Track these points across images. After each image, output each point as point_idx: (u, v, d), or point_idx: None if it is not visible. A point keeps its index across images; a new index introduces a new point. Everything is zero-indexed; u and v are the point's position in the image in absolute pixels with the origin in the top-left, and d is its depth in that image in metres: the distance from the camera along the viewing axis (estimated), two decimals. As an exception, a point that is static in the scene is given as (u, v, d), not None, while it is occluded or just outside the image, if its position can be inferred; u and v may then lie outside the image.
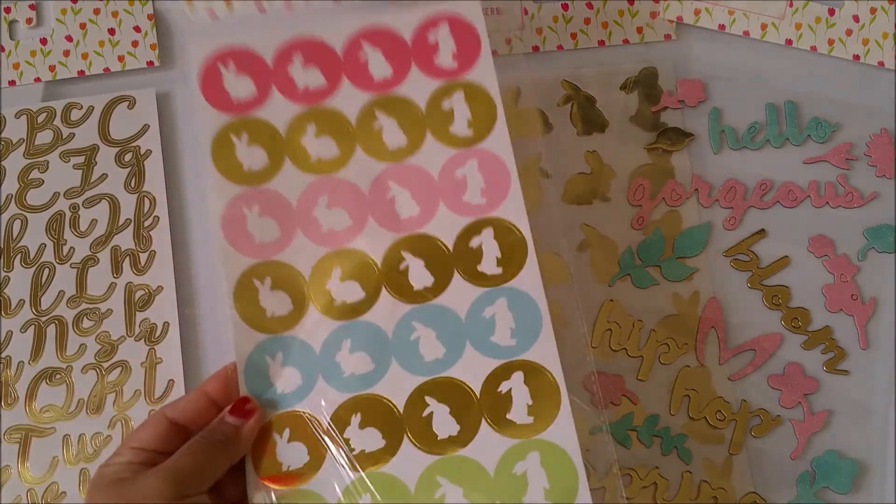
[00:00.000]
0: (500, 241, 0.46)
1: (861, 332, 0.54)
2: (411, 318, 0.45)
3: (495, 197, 0.47)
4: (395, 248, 0.46)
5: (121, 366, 0.53)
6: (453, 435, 0.44)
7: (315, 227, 0.47)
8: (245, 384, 0.44)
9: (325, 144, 0.48)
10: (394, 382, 0.45)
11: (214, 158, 0.47)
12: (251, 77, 0.48)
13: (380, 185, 0.47)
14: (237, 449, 0.42)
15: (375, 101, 0.48)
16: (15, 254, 0.55)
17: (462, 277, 0.46)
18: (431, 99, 0.48)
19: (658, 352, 0.54)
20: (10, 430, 0.52)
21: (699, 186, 0.56)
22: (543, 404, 0.44)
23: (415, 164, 0.47)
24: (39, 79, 0.57)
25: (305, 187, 0.47)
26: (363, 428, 0.44)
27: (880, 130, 0.56)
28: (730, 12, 0.58)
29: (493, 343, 0.45)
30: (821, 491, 0.52)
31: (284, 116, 0.48)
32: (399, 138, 0.48)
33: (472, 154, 0.47)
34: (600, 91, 0.57)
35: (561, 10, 0.58)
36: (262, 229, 0.46)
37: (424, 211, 0.47)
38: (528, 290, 0.45)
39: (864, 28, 0.57)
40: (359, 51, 0.48)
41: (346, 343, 0.45)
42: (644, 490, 0.52)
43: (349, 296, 0.46)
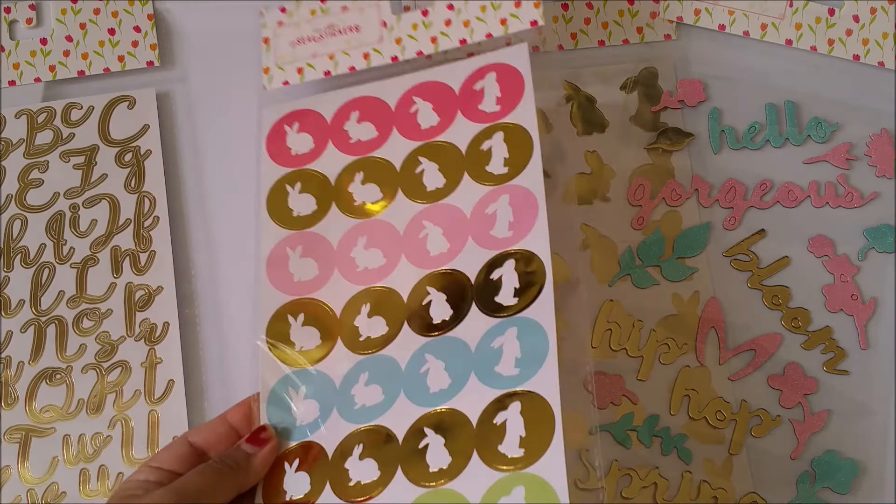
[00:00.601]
0: (519, 271, 0.46)
1: (861, 332, 0.54)
2: (425, 351, 0.46)
3: (522, 229, 0.46)
4: (421, 284, 0.47)
5: (121, 366, 0.53)
6: (444, 467, 0.42)
7: (351, 267, 0.49)
8: (266, 414, 0.46)
9: (370, 190, 0.50)
10: (398, 414, 0.45)
11: (269, 206, 0.51)
12: (311, 134, 0.52)
13: (415, 224, 0.49)
14: (247, 476, 0.43)
15: (420, 149, 0.50)
16: (15, 254, 0.55)
17: (479, 309, 0.46)
18: (473, 141, 0.49)
19: (658, 352, 0.54)
20: (10, 430, 0.52)
21: (699, 186, 0.56)
22: (536, 436, 0.41)
23: (449, 203, 0.49)
24: (39, 79, 0.57)
25: (347, 230, 0.49)
26: (362, 459, 0.44)
27: (880, 130, 0.56)
28: (730, 12, 0.58)
29: (496, 373, 0.43)
30: (821, 491, 0.52)
31: (336, 166, 0.51)
32: (438, 180, 0.49)
33: (505, 190, 0.47)
34: (600, 91, 0.57)
35: (561, 10, 0.58)
36: (302, 269, 0.49)
37: (453, 247, 0.47)
38: (539, 320, 0.44)
39: (864, 28, 0.57)
40: (410, 105, 0.51)
41: (364, 376, 0.46)
42: (644, 490, 0.52)
43: (374, 331, 0.47)
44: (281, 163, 0.52)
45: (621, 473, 0.52)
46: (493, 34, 0.51)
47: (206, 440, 0.45)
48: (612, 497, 0.51)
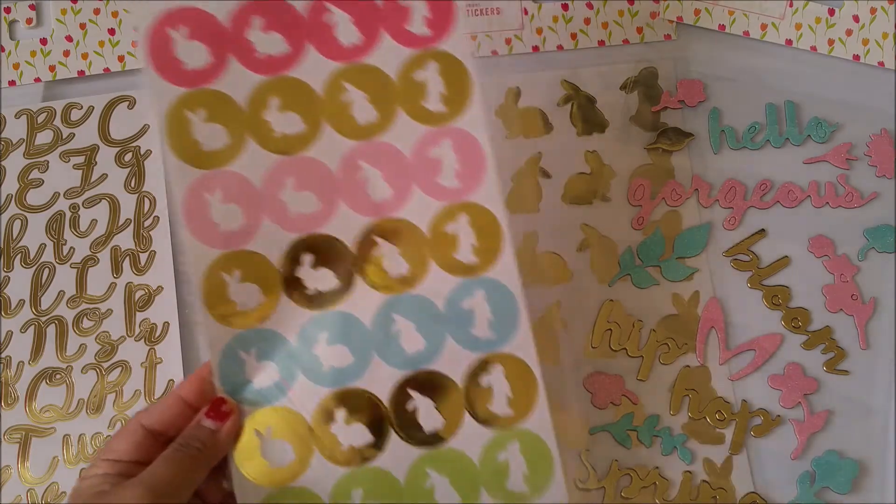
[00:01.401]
0: (475, 228, 0.45)
1: (861, 332, 0.54)
2: (390, 310, 0.44)
3: (470, 180, 0.45)
4: (368, 234, 0.44)
5: (121, 366, 0.53)
6: (439, 428, 0.44)
7: (282, 212, 0.44)
8: (221, 383, 0.43)
9: (290, 119, 0.44)
10: (376, 376, 0.44)
11: (169, 137, 0.43)
12: (205, 43, 0.44)
13: (349, 164, 0.44)
14: (215, 452, 0.41)
15: (343, 71, 0.44)
16: (15, 254, 0.55)
17: (438, 266, 0.45)
18: (404, 70, 0.45)
19: (658, 352, 0.54)
20: (10, 430, 0.52)
21: (699, 186, 0.56)
22: (522, 396, 0.44)
23: (386, 141, 0.45)
24: (39, 79, 0.57)
25: (270, 168, 0.44)
26: (349, 423, 0.43)
27: (880, 130, 0.56)
28: (730, 12, 0.58)
29: (474, 336, 0.44)
30: (821, 491, 0.52)
31: (244, 88, 0.44)
32: (369, 113, 0.44)
33: (446, 133, 0.45)
34: (600, 91, 0.57)
35: (561, 10, 0.58)
36: (225, 217, 0.43)
37: (398, 194, 0.44)
38: (505, 282, 0.45)
39: (864, 28, 0.57)
40: (324, 13, 0.45)
41: (324, 335, 0.44)
42: (644, 490, 0.52)
43: (322, 284, 0.44)
44: (172, 80, 0.43)
45: (621, 473, 0.52)
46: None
47: (162, 421, 0.41)
48: (612, 497, 0.51)
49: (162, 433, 0.42)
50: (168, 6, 0.43)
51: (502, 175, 0.56)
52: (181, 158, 0.43)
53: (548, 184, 0.56)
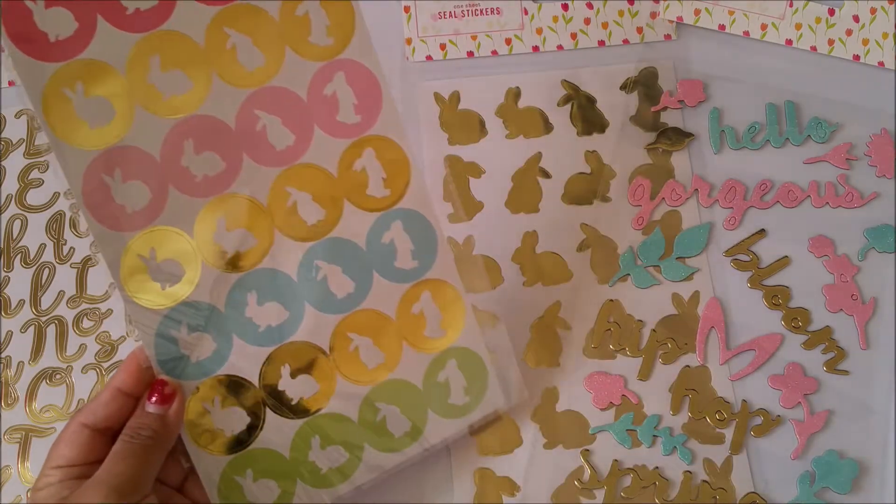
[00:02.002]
0: (382, 160, 0.44)
1: (861, 332, 0.54)
2: (312, 257, 0.44)
3: (370, 113, 0.44)
4: (277, 185, 0.43)
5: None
6: (381, 363, 0.46)
7: (187, 179, 0.41)
8: (159, 365, 0.42)
9: (176, 78, 0.41)
10: (313, 326, 0.44)
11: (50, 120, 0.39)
12: (67, 7, 0.39)
13: (246, 115, 0.42)
14: (168, 436, 0.41)
15: (222, 15, 0.41)
16: (15, 254, 0.55)
17: (353, 205, 0.45)
18: (284, 6, 0.42)
19: (658, 352, 0.54)
20: (10, 430, 0.52)
21: (699, 186, 0.56)
22: (451, 316, 0.47)
23: (279, 85, 0.42)
24: (39, 79, 0.57)
25: (166, 134, 0.41)
26: (295, 377, 0.44)
27: (880, 130, 0.56)
28: (730, 12, 0.58)
29: (398, 268, 0.46)
30: (821, 491, 0.52)
31: (121, 50, 0.40)
32: (257, 58, 0.42)
33: (337, 66, 0.43)
34: (600, 91, 0.57)
35: (561, 10, 0.58)
36: (130, 196, 0.40)
37: (300, 138, 0.43)
38: (418, 209, 0.46)
39: (864, 28, 0.57)
40: None
41: (253, 296, 0.43)
42: (644, 490, 0.51)
43: (241, 245, 0.43)
44: (40, 57, 0.39)
45: (621, 473, 0.52)
46: None
47: (105, 417, 0.40)
48: (612, 497, 0.51)
49: (107, 429, 0.40)
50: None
51: (503, 175, 0.56)
52: (68, 142, 0.39)
53: (548, 184, 0.56)
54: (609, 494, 0.51)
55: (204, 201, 0.42)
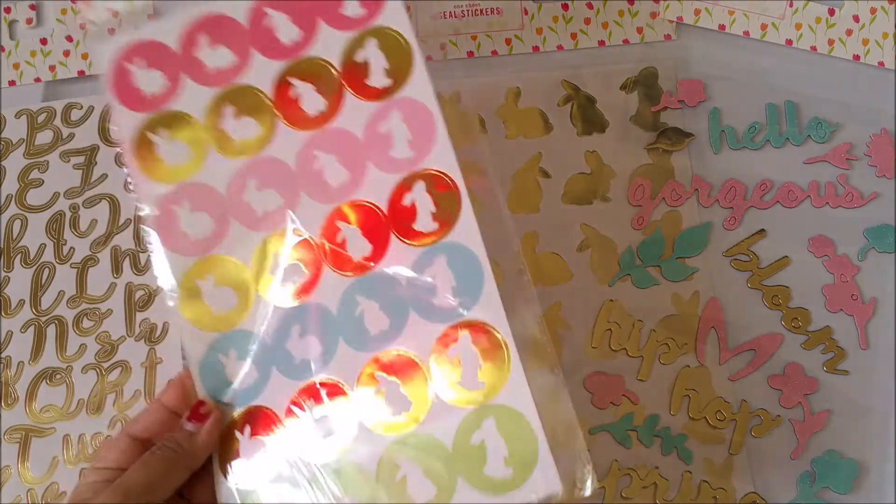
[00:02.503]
0: (432, 194, 0.44)
1: (861, 332, 0.54)
2: (354, 292, 0.44)
3: (423, 147, 0.44)
4: (330, 220, 0.44)
5: (121, 366, 0.53)
6: (407, 411, 0.42)
7: (249, 213, 0.45)
8: (202, 387, 0.44)
9: (246, 124, 0.46)
10: (342, 363, 0.43)
11: (137, 160, 0.46)
12: (160, 69, 0.46)
13: (305, 155, 0.45)
14: (194, 454, 0.42)
15: (288, 69, 0.46)
16: (15, 254, 0.55)
17: (399, 239, 0.44)
18: (345, 53, 0.45)
19: (658, 352, 0.54)
20: (10, 430, 0.52)
21: (699, 186, 0.56)
22: (493, 366, 0.41)
23: (337, 127, 0.45)
24: (39, 79, 0.57)
25: (233, 173, 0.45)
26: (318, 415, 0.43)
27: (880, 130, 0.56)
28: (730, 12, 0.58)
29: (436, 306, 0.42)
30: (821, 491, 0.52)
31: (200, 103, 0.46)
32: (318, 103, 0.45)
33: (394, 105, 0.45)
34: (600, 91, 0.57)
35: (561, 10, 0.58)
36: (195, 225, 0.45)
37: (354, 175, 0.45)
38: (466, 243, 0.43)
39: (864, 28, 0.57)
40: (263, 18, 0.46)
41: (296, 328, 0.44)
42: (644, 490, 0.52)
43: (293, 279, 0.44)
44: (135, 108, 0.46)
45: (621, 473, 0.52)
46: None
47: (147, 429, 0.43)
48: (612, 497, 0.51)
49: (147, 440, 0.43)
50: (122, 43, 0.46)
51: (503, 175, 0.56)
52: (149, 177, 0.45)
53: (548, 184, 0.56)
54: (609, 494, 0.51)
55: (262, 234, 0.45)
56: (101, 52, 0.47)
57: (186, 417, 0.43)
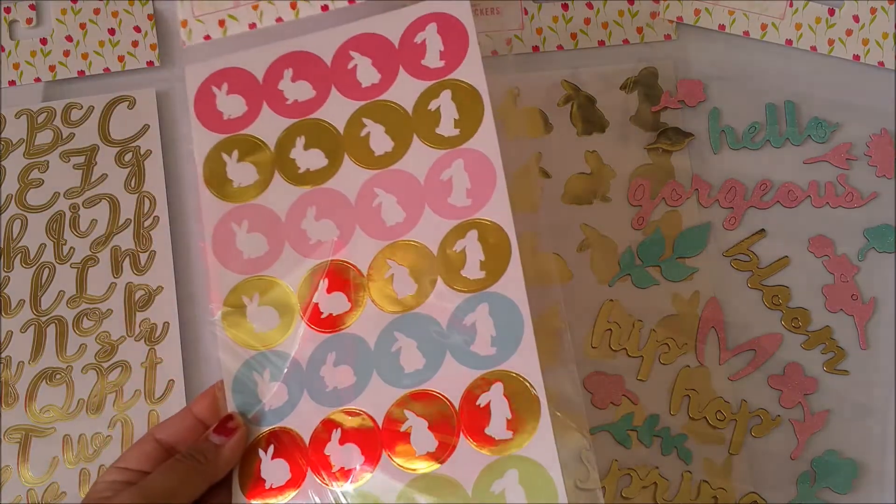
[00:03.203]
0: (483, 243, 0.45)
1: (861, 332, 0.54)
2: (393, 329, 0.45)
3: (481, 197, 0.45)
4: (380, 257, 0.46)
5: (121, 366, 0.53)
6: (431, 451, 0.43)
7: (303, 240, 0.47)
8: (232, 401, 0.44)
9: (314, 156, 0.48)
10: (373, 396, 0.44)
11: (206, 177, 0.48)
12: (243, 95, 0.49)
13: (366, 192, 0.47)
14: (217, 467, 0.42)
15: (363, 109, 0.48)
16: (15, 254, 0.55)
17: (445, 283, 0.45)
18: (419, 101, 0.47)
19: (658, 352, 0.54)
20: (10, 430, 0.52)
21: (699, 186, 0.56)
22: (523, 418, 0.42)
23: (401, 168, 0.47)
24: (39, 79, 0.57)
25: (294, 200, 0.47)
26: (343, 444, 0.43)
27: (880, 130, 0.56)
28: (730, 12, 0.58)
29: (473, 353, 0.43)
30: (821, 491, 0.52)
31: (274, 131, 0.48)
32: (386, 144, 0.47)
33: (458, 154, 0.46)
34: (600, 91, 0.57)
35: (561, 10, 0.58)
36: (250, 245, 0.47)
37: (410, 216, 0.46)
38: (510, 296, 0.44)
39: (864, 28, 0.57)
40: (347, 60, 0.48)
41: (331, 356, 0.45)
42: (644, 490, 0.52)
43: (335, 308, 0.45)
44: (213, 128, 0.48)
45: (621, 473, 0.52)
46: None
47: (173, 435, 0.43)
48: (612, 497, 0.51)
49: (172, 447, 0.43)
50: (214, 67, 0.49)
51: (502, 175, 0.56)
52: (214, 194, 0.48)
53: (548, 184, 0.56)
54: (609, 494, 0.51)
55: (313, 262, 0.46)
56: (192, 74, 0.49)
57: (213, 430, 0.43)
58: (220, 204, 0.47)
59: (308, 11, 0.50)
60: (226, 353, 0.45)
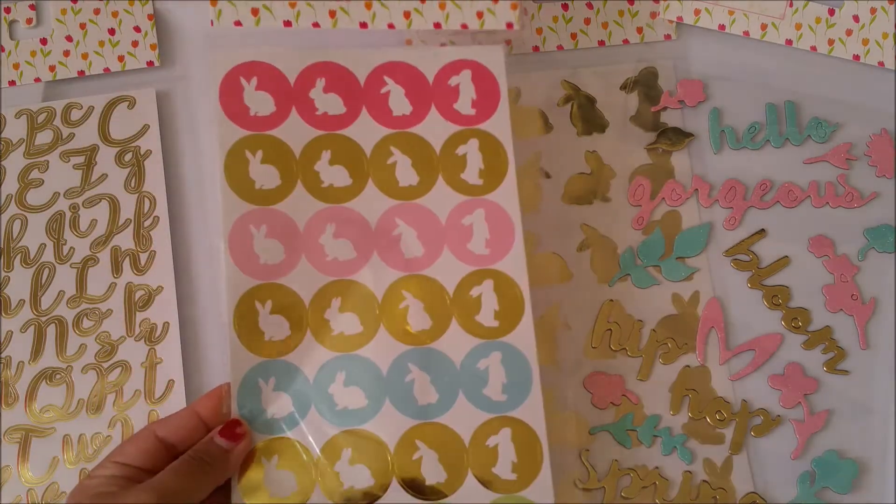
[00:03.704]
0: (499, 294, 0.47)
1: (861, 332, 0.54)
2: (407, 360, 0.46)
3: (499, 250, 0.47)
4: (396, 287, 0.47)
5: (121, 366, 0.53)
6: (440, 482, 0.45)
7: (320, 255, 0.47)
8: (238, 406, 0.44)
9: (339, 173, 0.48)
10: (386, 422, 0.45)
11: (227, 172, 0.47)
12: (272, 94, 0.48)
13: (387, 220, 0.47)
14: (224, 471, 0.43)
15: (392, 137, 0.48)
16: (15, 254, 0.55)
17: (459, 325, 0.46)
18: (447, 143, 0.48)
19: (658, 352, 0.54)
20: (10, 430, 0.52)
21: (699, 186, 0.56)
22: (526, 462, 0.45)
23: (423, 204, 0.48)
24: (39, 79, 0.57)
25: (314, 213, 0.47)
26: (353, 464, 0.44)
27: (880, 130, 0.56)
28: (730, 12, 0.58)
29: (485, 396, 0.46)
30: (821, 491, 0.52)
31: (301, 139, 0.48)
32: (411, 177, 0.48)
33: (480, 204, 0.48)
34: (600, 91, 0.57)
35: (561, 10, 0.58)
36: (267, 250, 0.46)
37: (429, 253, 0.47)
38: (522, 349, 0.46)
39: (864, 28, 0.57)
40: (381, 84, 0.49)
41: (341, 376, 0.45)
42: (644, 490, 0.52)
43: (347, 328, 0.46)
44: (239, 123, 0.47)
45: (621, 473, 0.52)
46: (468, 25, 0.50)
47: (175, 433, 0.43)
48: (612, 497, 0.51)
49: (173, 445, 0.43)
50: (244, 57, 0.48)
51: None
52: (235, 192, 0.47)
53: (548, 184, 0.56)
54: (609, 494, 0.51)
55: (327, 279, 0.47)
56: (219, 57, 0.48)
57: (219, 433, 0.43)
58: (239, 203, 0.47)
59: (346, 23, 0.50)
60: (234, 355, 0.45)
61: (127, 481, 0.40)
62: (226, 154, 0.47)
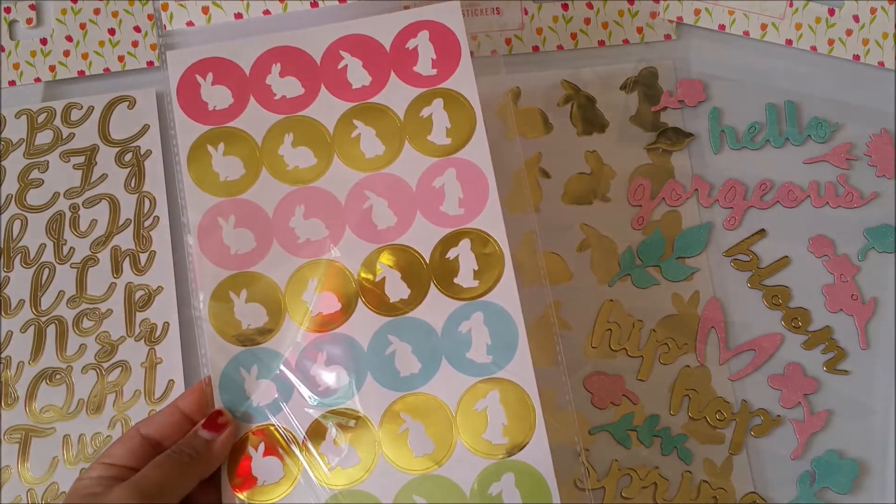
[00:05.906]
0: (476, 253, 0.46)
1: (861, 332, 0.54)
2: (387, 332, 0.45)
3: (473, 207, 0.46)
4: (371, 260, 0.46)
5: (121, 366, 0.53)
6: (429, 453, 0.44)
7: (291, 238, 0.47)
8: (219, 398, 0.44)
9: (303, 154, 0.48)
10: (369, 397, 0.45)
11: (190, 169, 0.47)
12: (228, 87, 0.48)
13: (356, 194, 0.47)
14: (208, 463, 0.43)
15: (353, 110, 0.48)
16: (15, 254, 0.55)
17: (438, 290, 0.46)
18: (410, 107, 0.48)
19: (658, 352, 0.54)
20: (10, 430, 0.52)
21: (699, 186, 0.56)
22: (518, 424, 0.44)
23: (392, 173, 0.47)
24: (39, 79, 0.57)
25: (282, 197, 0.47)
26: (338, 444, 0.44)
27: (880, 130, 0.56)
28: (730, 12, 0.58)
29: (469, 360, 0.45)
30: (821, 491, 0.52)
31: (261, 126, 0.48)
32: (377, 147, 0.47)
33: (450, 163, 0.47)
34: (600, 91, 0.57)
35: (561, 10, 0.58)
36: (237, 240, 0.46)
37: (401, 221, 0.47)
38: (504, 305, 0.45)
39: (864, 28, 0.57)
40: (338, 60, 0.48)
41: (322, 356, 0.45)
42: (644, 490, 0.52)
43: (325, 307, 0.46)
44: (198, 119, 0.48)
45: (621, 473, 0.52)
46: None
47: (159, 431, 0.43)
48: (612, 497, 0.51)
49: (159, 442, 0.43)
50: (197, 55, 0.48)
51: (502, 175, 0.56)
52: (199, 187, 0.47)
53: (548, 184, 0.56)
54: (609, 494, 0.51)
55: (301, 261, 0.46)
56: (174, 60, 0.48)
57: (202, 425, 0.43)
58: (205, 197, 0.47)
59: (296, 7, 0.50)
60: (213, 348, 0.45)
61: (112, 481, 0.40)
62: (188, 151, 0.47)
